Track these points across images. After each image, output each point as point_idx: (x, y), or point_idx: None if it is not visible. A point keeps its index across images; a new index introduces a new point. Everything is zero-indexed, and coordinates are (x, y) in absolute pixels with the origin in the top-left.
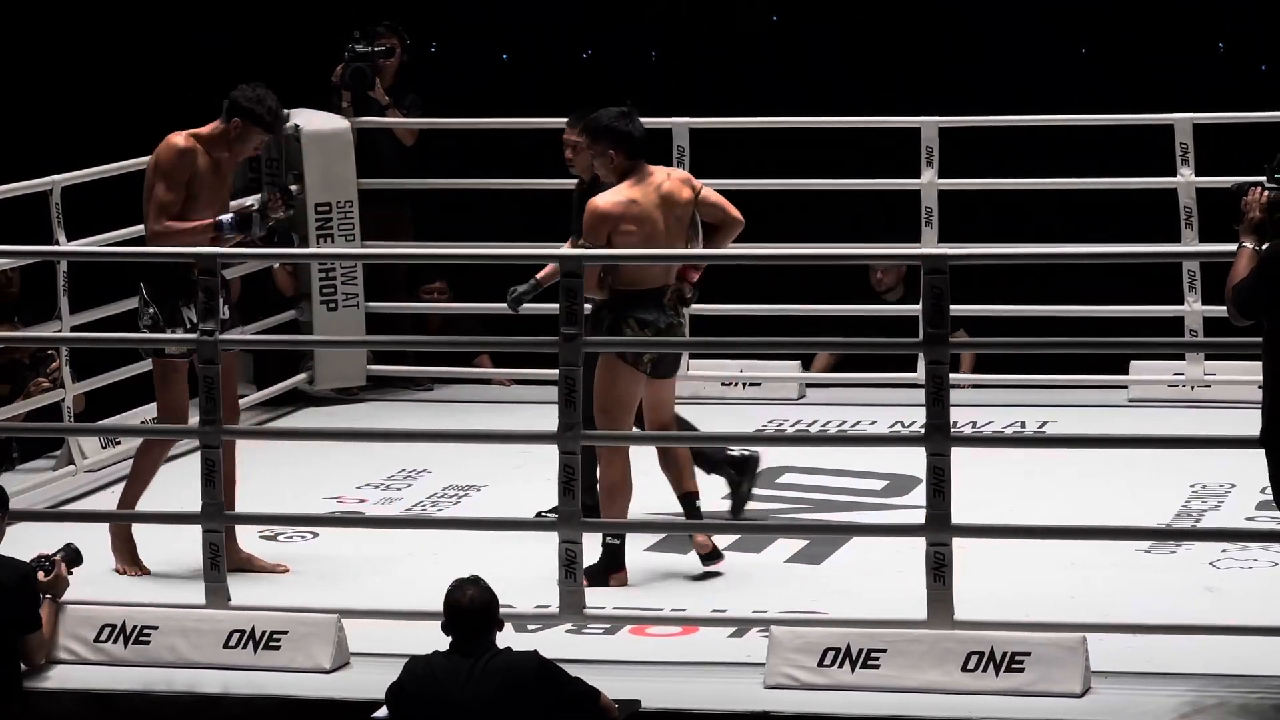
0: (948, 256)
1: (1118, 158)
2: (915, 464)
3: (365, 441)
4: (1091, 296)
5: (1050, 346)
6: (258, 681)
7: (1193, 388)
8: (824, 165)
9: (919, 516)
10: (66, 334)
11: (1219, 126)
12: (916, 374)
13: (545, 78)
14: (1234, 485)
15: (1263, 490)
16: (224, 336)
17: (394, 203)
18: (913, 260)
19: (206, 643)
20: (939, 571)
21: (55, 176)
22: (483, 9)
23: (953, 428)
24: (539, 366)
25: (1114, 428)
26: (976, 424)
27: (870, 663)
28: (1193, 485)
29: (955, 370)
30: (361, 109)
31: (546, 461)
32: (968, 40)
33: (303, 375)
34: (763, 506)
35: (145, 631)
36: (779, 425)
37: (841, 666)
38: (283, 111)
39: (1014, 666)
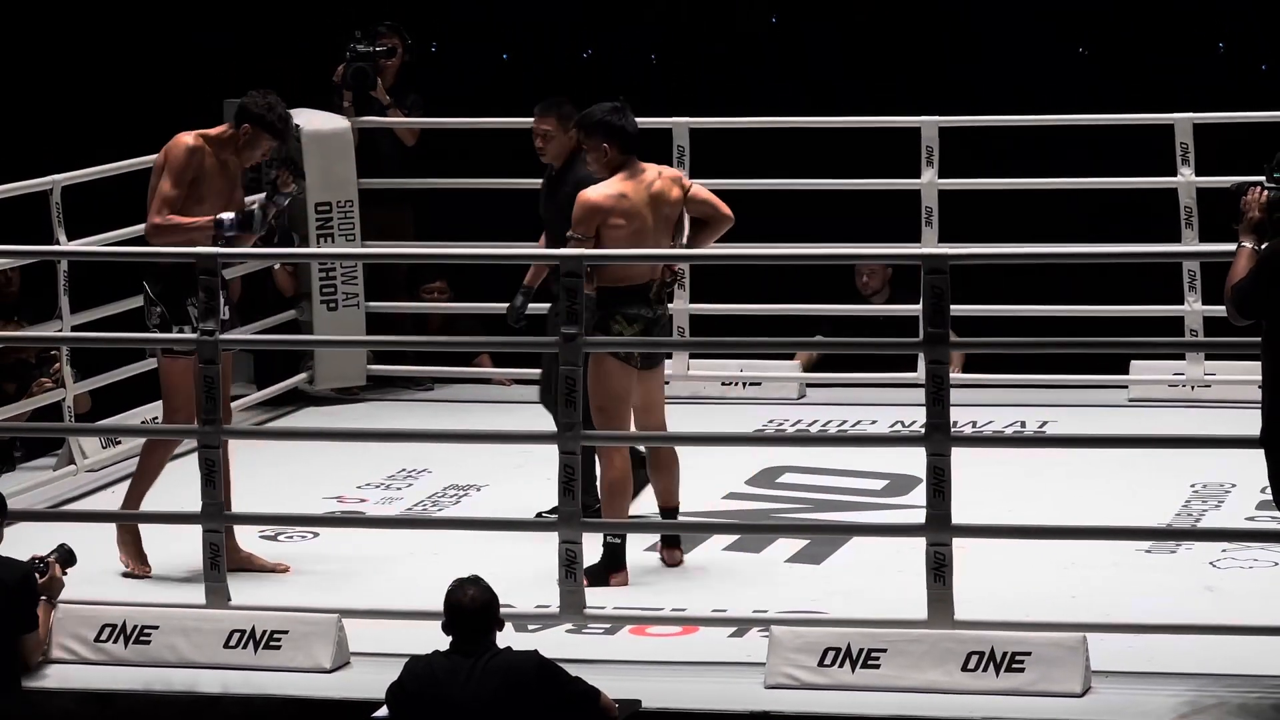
0: (948, 256)
1: (1118, 158)
2: (915, 464)
3: (365, 441)
4: (1091, 296)
5: (1050, 346)
6: (258, 681)
7: (1193, 387)
8: (824, 165)
9: (919, 516)
10: (67, 334)
11: (1219, 126)
12: (916, 374)
13: (545, 78)
14: (1234, 485)
15: (1263, 490)
16: (224, 336)
17: (395, 203)
18: (913, 260)
19: (207, 642)
20: (939, 571)
21: (55, 176)
22: (483, 9)
23: (953, 428)
24: (539, 366)
25: (1114, 427)
26: (976, 424)
27: (870, 662)
28: (1193, 485)
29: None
30: (363, 109)
31: (546, 461)
32: (968, 40)
33: (303, 375)
34: (763, 506)
35: (146, 631)
36: (779, 425)
37: (842, 666)
38: (292, 119)
39: (1014, 666)
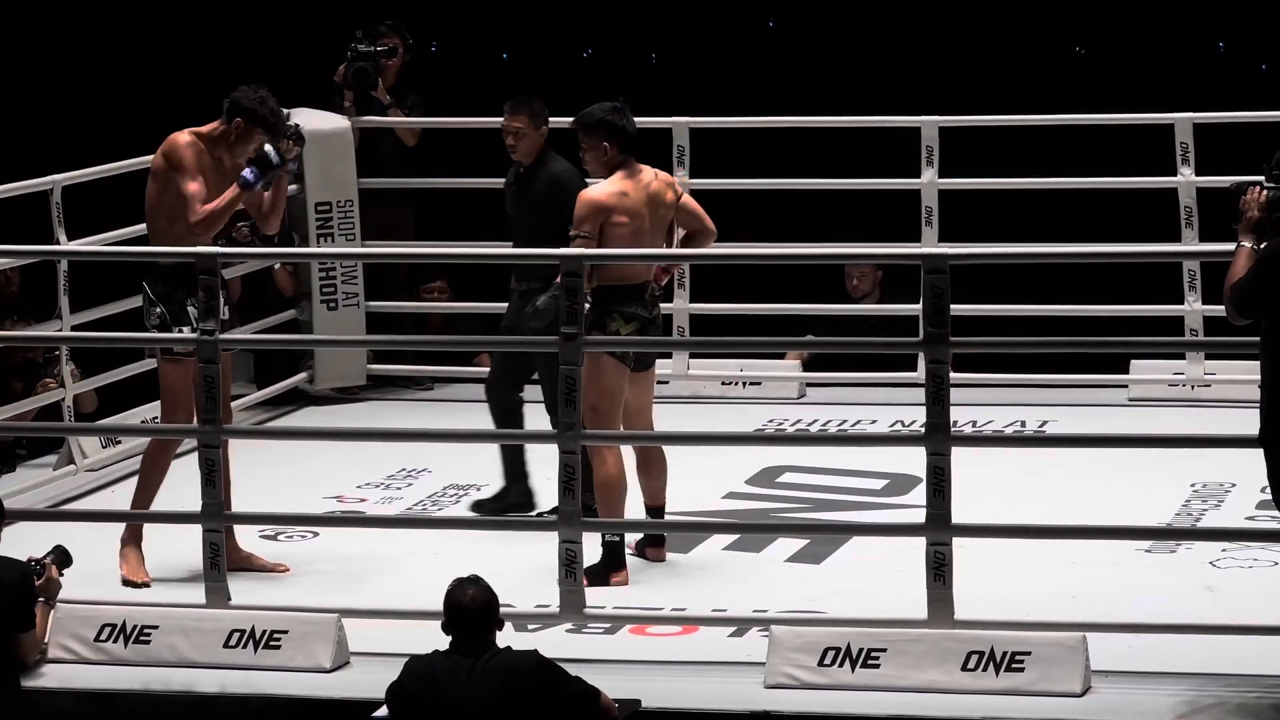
0: (948, 256)
1: (1118, 158)
2: (915, 463)
3: (365, 441)
4: (1091, 296)
5: (1050, 346)
6: (258, 681)
7: (1193, 387)
8: (824, 165)
9: (919, 516)
10: (67, 334)
11: (1219, 126)
12: (916, 374)
13: (545, 78)
14: (1234, 485)
15: (1263, 490)
16: (224, 336)
17: (395, 203)
18: (913, 260)
19: (207, 642)
20: (939, 571)
21: (55, 176)
22: (483, 9)
23: (953, 427)
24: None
25: (1114, 427)
26: (976, 424)
27: (870, 662)
28: (1193, 485)
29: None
30: (364, 108)
31: (546, 461)
32: (968, 40)
33: (303, 375)
34: (763, 506)
35: (145, 631)
36: (779, 425)
37: (842, 666)
38: (283, 113)
39: (1014, 666)
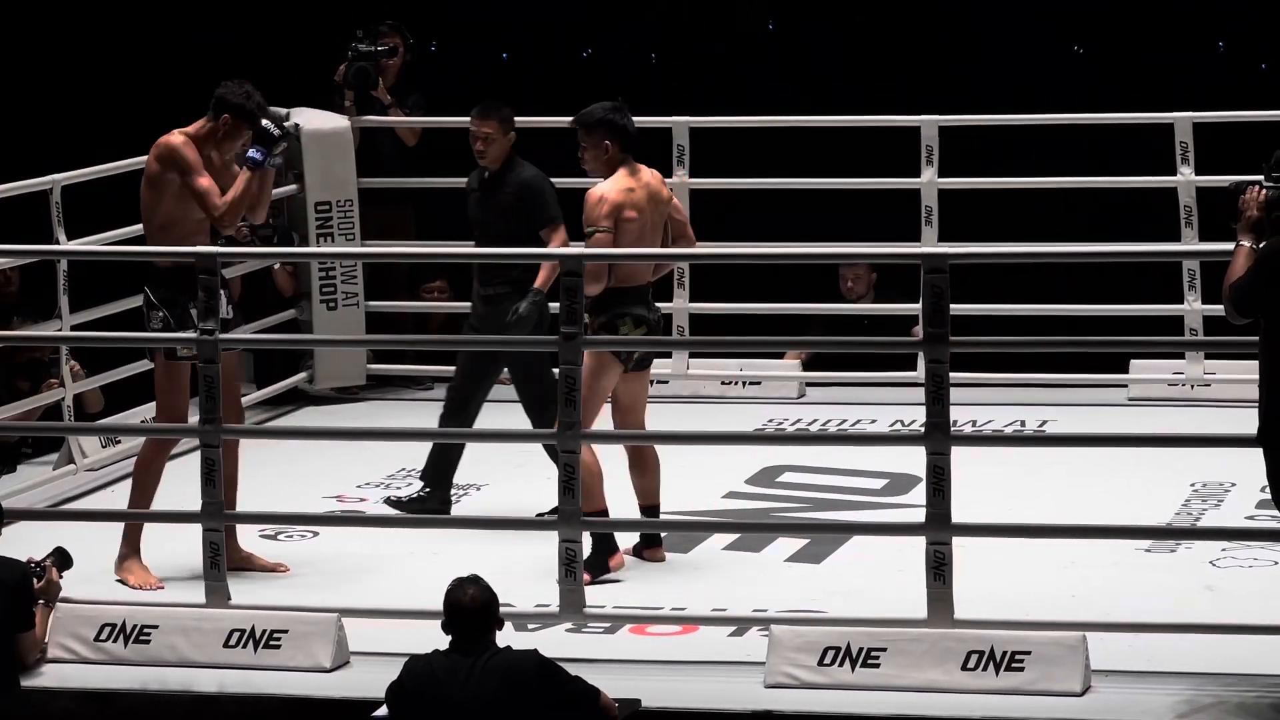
0: (948, 256)
1: (1118, 157)
2: (915, 463)
3: (365, 441)
4: (1091, 296)
5: (1050, 345)
6: (258, 681)
7: (1192, 386)
8: (824, 165)
9: (919, 515)
10: (67, 334)
11: (1218, 126)
12: (916, 373)
13: (545, 78)
14: (1234, 484)
15: (1262, 489)
16: (224, 336)
17: (396, 202)
18: (912, 259)
19: (207, 642)
20: (939, 570)
21: (55, 176)
22: (483, 9)
23: (953, 427)
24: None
25: (1114, 427)
26: (976, 423)
27: (870, 662)
28: (1192, 484)
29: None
30: (364, 108)
31: (546, 461)
32: (968, 40)
33: (303, 374)
34: (763, 506)
35: (145, 631)
36: (779, 424)
37: (842, 665)
38: (266, 105)
39: (1014, 665)
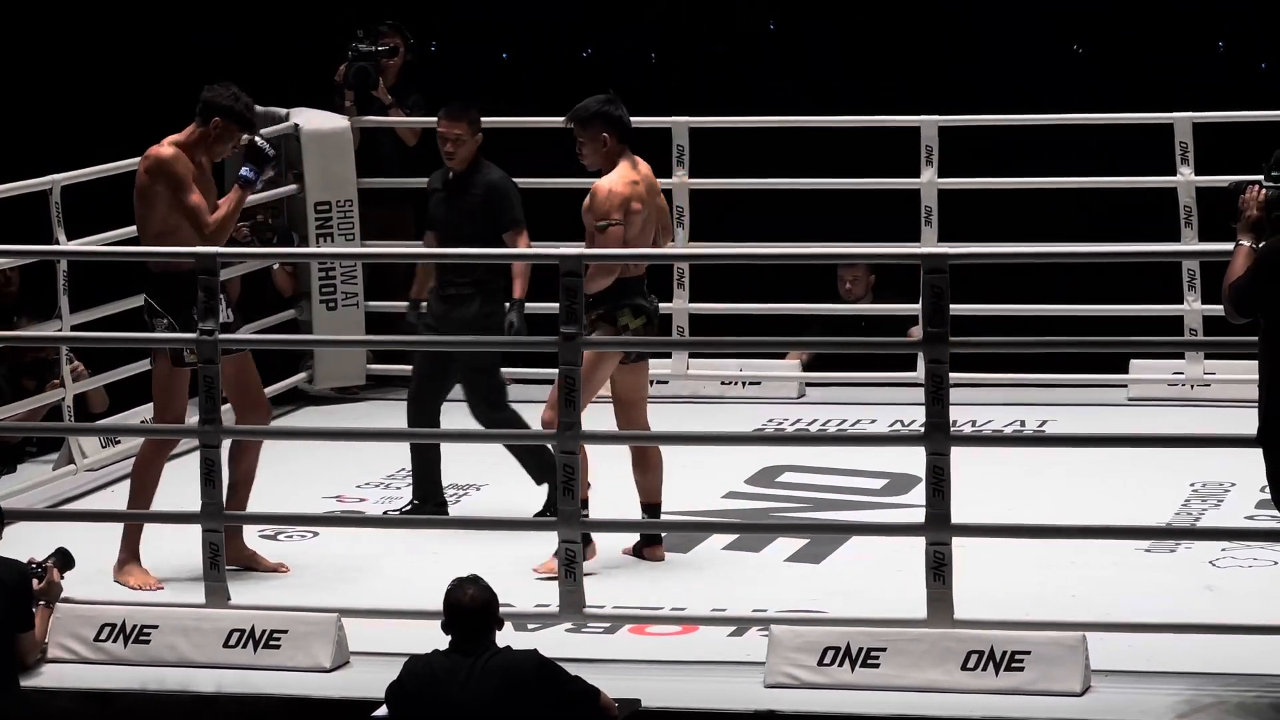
0: (948, 256)
1: (1118, 157)
2: (915, 463)
3: (365, 441)
4: (1091, 296)
5: (1050, 346)
6: (257, 681)
7: (1192, 386)
8: (824, 165)
9: (919, 516)
10: (67, 334)
11: (1218, 126)
12: (916, 373)
13: (545, 78)
14: (1233, 484)
15: (1262, 489)
16: (224, 336)
17: (396, 202)
18: (912, 260)
19: (206, 642)
20: (939, 571)
21: (55, 176)
22: (483, 9)
23: (952, 427)
24: (538, 366)
25: (1114, 427)
26: (976, 423)
27: (870, 662)
28: (1192, 484)
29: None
30: (364, 108)
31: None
32: (968, 40)
33: (302, 375)
34: (763, 506)
35: (145, 631)
36: (779, 424)
37: (841, 665)
38: (255, 107)
39: (1014, 665)
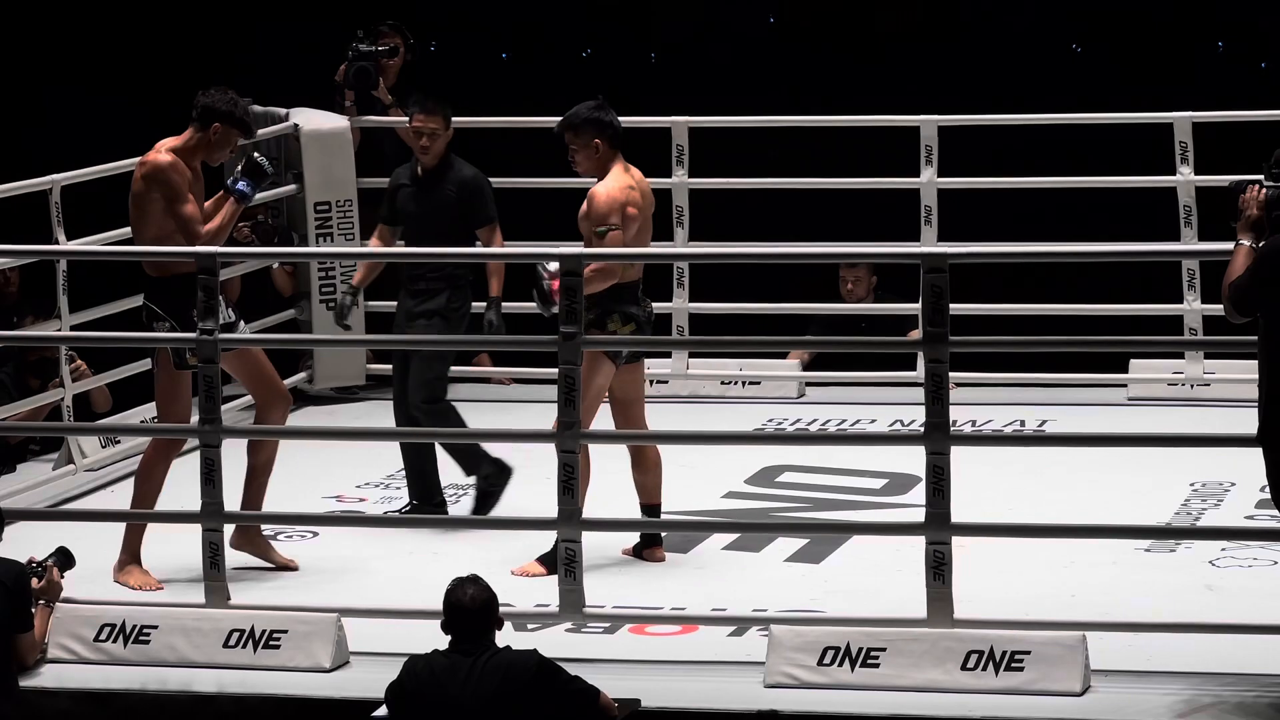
0: (947, 255)
1: (1117, 157)
2: (915, 463)
3: (365, 441)
4: (1091, 295)
5: (1050, 345)
6: (257, 681)
7: (1192, 386)
8: (824, 165)
9: (919, 515)
10: (66, 334)
11: (1218, 125)
12: (916, 373)
13: (545, 78)
14: (1233, 484)
15: (1262, 489)
16: (223, 336)
17: None
18: (912, 259)
19: (206, 642)
20: (939, 570)
21: (55, 176)
22: (483, 9)
23: (952, 426)
24: (538, 366)
25: (1113, 426)
26: (976, 423)
27: (870, 661)
28: (1192, 484)
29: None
30: (365, 108)
31: (546, 461)
32: (967, 39)
33: (302, 374)
34: (762, 505)
35: (145, 631)
36: (779, 424)
37: (841, 665)
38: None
39: (1014, 665)
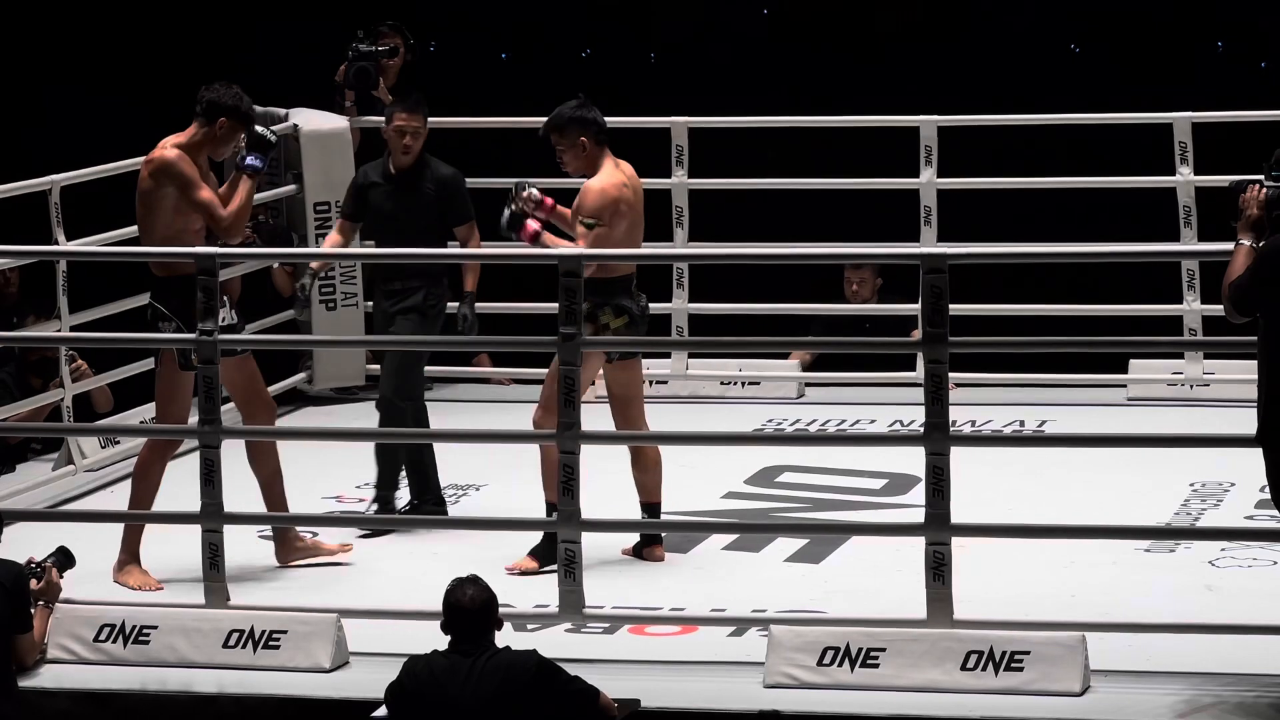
0: (947, 256)
1: (1117, 157)
2: (914, 463)
3: (365, 441)
4: (1091, 296)
5: (1049, 345)
6: (257, 681)
7: (1191, 386)
8: (824, 165)
9: (918, 516)
10: (66, 334)
11: (1218, 125)
12: (915, 373)
13: (545, 78)
14: (1233, 484)
15: (1261, 489)
16: (223, 336)
17: None
18: (911, 260)
19: (206, 642)
20: (938, 571)
21: (54, 176)
22: (483, 9)
23: (952, 427)
24: (538, 366)
25: (1113, 426)
26: (976, 423)
27: (870, 662)
28: (1192, 484)
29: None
30: (365, 108)
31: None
32: (967, 39)
33: (302, 375)
34: (762, 506)
35: (145, 631)
36: (778, 424)
37: (841, 665)
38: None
39: (1013, 665)
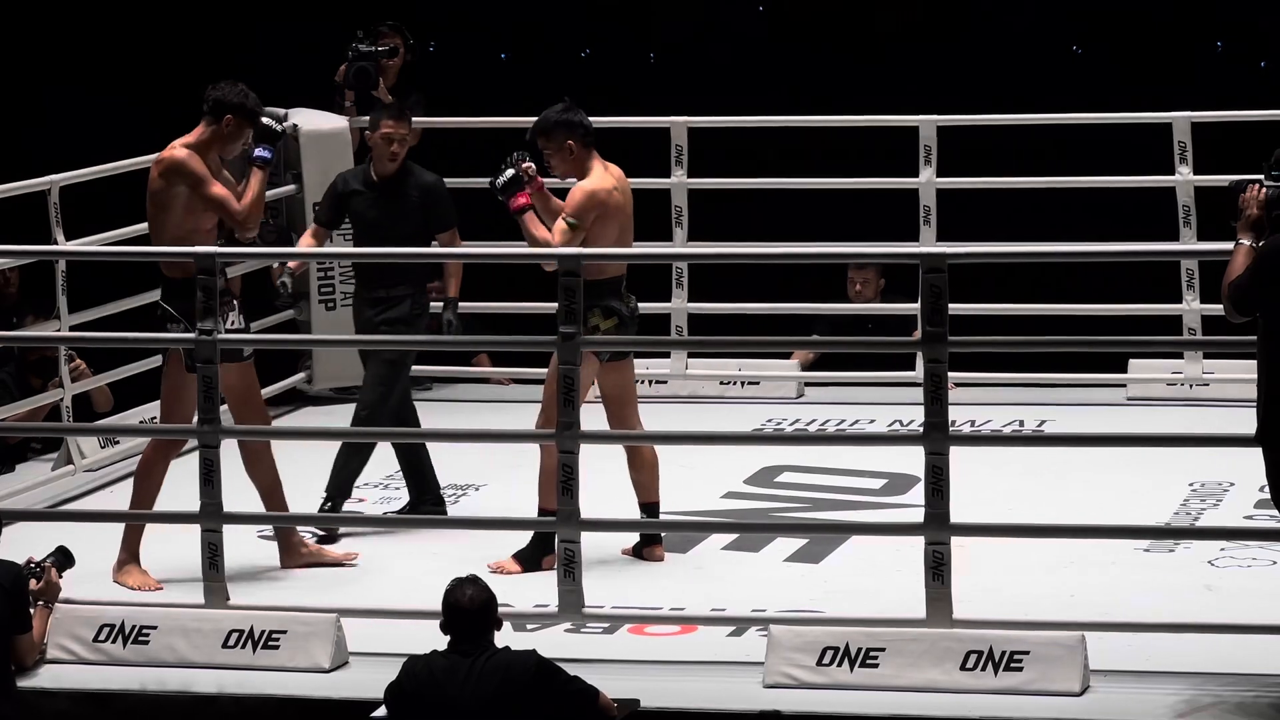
0: (946, 255)
1: (1117, 157)
2: (914, 463)
3: (364, 441)
4: (1090, 295)
5: (1049, 345)
6: (256, 681)
7: (1191, 386)
8: (824, 165)
9: (918, 515)
10: (66, 334)
11: (1218, 125)
12: (915, 373)
13: (545, 78)
14: (1232, 484)
15: (1261, 489)
16: (222, 336)
17: None
18: (911, 259)
19: (205, 642)
20: (938, 570)
21: (54, 176)
22: (483, 9)
23: (951, 427)
24: (538, 366)
25: (1112, 426)
26: (975, 423)
27: (869, 662)
28: (1191, 484)
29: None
30: (365, 108)
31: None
32: (967, 39)
33: (301, 375)
34: (762, 506)
35: (144, 631)
36: (778, 424)
37: (840, 665)
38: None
39: (1013, 665)
